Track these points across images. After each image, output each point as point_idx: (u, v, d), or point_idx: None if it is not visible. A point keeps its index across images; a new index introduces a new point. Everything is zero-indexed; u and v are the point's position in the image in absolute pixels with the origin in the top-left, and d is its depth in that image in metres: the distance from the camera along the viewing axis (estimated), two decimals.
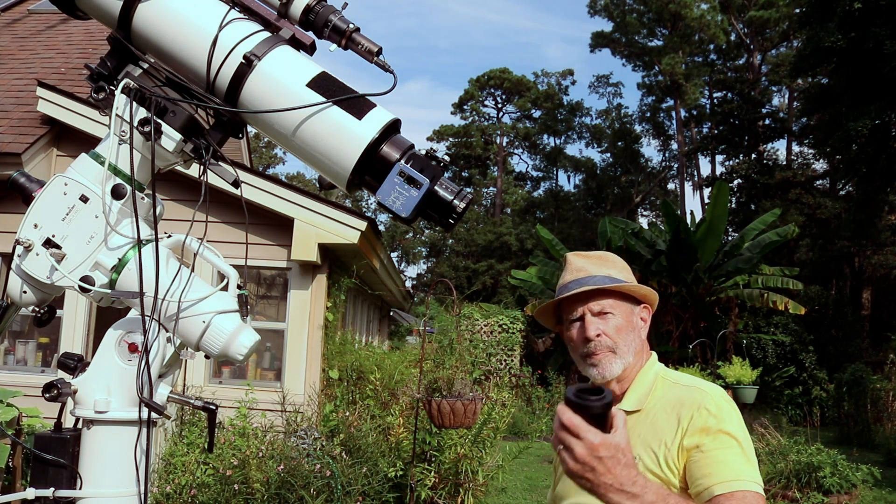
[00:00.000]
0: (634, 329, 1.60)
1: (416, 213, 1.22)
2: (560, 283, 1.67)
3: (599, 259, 1.65)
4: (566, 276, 1.65)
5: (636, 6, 35.71)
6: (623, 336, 1.56)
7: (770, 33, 31.00)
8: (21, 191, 1.31)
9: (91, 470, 1.24)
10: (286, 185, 7.05)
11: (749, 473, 1.37)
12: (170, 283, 1.26)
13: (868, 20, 13.74)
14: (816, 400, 14.37)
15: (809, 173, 27.95)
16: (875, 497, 7.53)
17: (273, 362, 7.26)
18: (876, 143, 14.99)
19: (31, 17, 9.76)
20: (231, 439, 5.53)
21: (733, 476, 1.35)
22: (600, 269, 1.62)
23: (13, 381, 5.75)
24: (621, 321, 1.57)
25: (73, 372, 1.28)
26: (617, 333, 1.55)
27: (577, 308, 1.58)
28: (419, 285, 38.69)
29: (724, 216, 13.59)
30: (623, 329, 1.56)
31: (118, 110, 1.26)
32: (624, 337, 1.56)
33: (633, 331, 1.59)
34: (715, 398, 1.46)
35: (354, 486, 5.20)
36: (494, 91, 42.70)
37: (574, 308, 1.59)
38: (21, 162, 6.43)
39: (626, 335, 1.56)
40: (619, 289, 1.59)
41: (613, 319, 1.56)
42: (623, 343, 1.55)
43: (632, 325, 1.59)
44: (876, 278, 23.47)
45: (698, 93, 34.72)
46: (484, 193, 43.14)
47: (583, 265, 1.64)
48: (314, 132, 1.25)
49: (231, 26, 1.27)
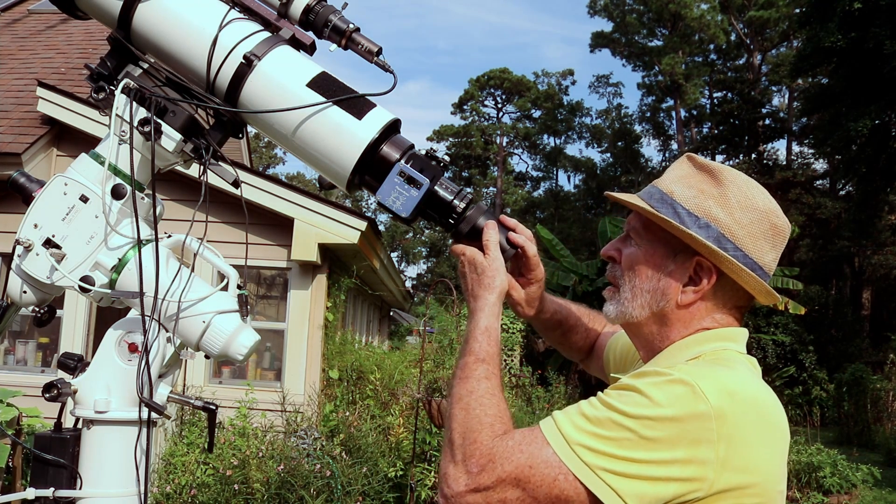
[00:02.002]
0: (661, 278, 1.13)
1: (416, 213, 1.23)
2: None
3: (706, 171, 1.16)
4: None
5: (636, 6, 35.72)
6: (632, 276, 1.15)
7: (770, 33, 31.00)
8: (21, 191, 1.31)
9: (91, 470, 1.24)
10: (286, 185, 7.05)
11: (569, 425, 0.97)
12: (170, 283, 1.26)
13: (868, 20, 13.74)
14: (816, 400, 14.38)
15: (809, 173, 27.97)
16: (875, 497, 7.53)
17: (273, 362, 7.26)
18: (876, 143, 14.99)
19: (31, 17, 9.76)
20: (231, 439, 5.53)
21: (557, 413, 1.01)
22: (671, 183, 1.16)
23: (13, 381, 5.75)
24: (640, 256, 1.15)
25: (73, 372, 1.28)
26: (627, 268, 1.16)
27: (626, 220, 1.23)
28: (419, 285, 38.68)
29: None
30: (637, 267, 1.14)
31: (118, 110, 1.26)
32: (633, 278, 1.15)
33: (655, 279, 1.13)
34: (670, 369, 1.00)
35: (354, 486, 5.20)
36: (494, 91, 42.70)
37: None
38: (21, 162, 6.43)
39: (639, 278, 1.14)
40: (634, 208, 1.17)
41: (630, 249, 1.17)
42: (629, 285, 1.15)
43: (656, 269, 1.13)
44: (876, 278, 23.47)
45: (698, 93, 34.73)
46: (484, 193, 43.14)
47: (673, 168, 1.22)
48: (314, 132, 1.25)
49: (231, 26, 1.28)
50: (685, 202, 1.13)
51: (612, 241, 1.20)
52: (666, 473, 0.94)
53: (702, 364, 1.06)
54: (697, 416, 0.94)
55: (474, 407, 1.04)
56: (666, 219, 1.11)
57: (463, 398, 1.06)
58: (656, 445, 0.94)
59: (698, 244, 1.10)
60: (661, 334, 1.15)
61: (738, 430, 0.96)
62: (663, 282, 1.13)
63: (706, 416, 0.94)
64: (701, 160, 1.19)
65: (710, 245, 1.09)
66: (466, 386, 1.07)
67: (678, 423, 0.94)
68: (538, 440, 0.98)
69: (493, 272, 1.19)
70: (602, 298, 1.23)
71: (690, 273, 1.12)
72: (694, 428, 0.94)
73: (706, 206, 1.12)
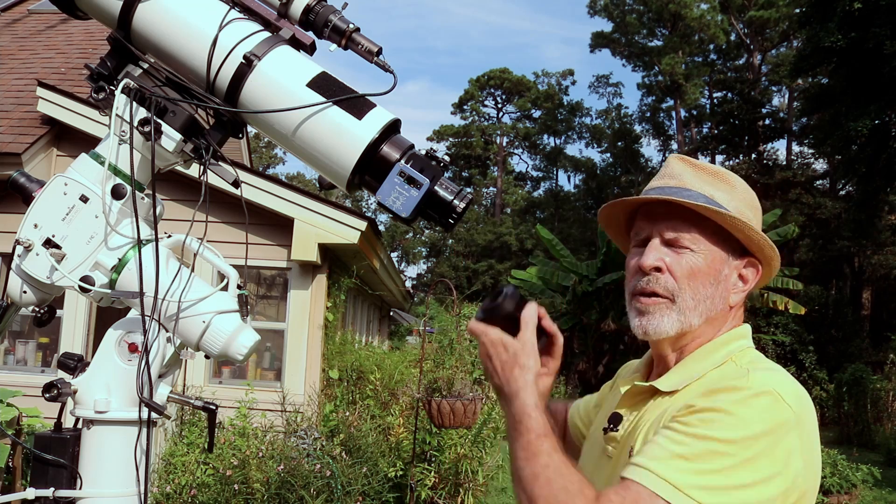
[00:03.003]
0: (719, 283, 1.12)
1: (416, 213, 1.22)
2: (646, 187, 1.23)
3: (712, 174, 1.17)
4: (653, 181, 1.21)
5: (636, 6, 35.72)
6: (695, 285, 1.11)
7: (770, 33, 31.00)
8: (21, 191, 1.31)
9: (91, 470, 1.24)
10: (286, 185, 7.05)
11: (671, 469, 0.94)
12: (170, 283, 1.26)
13: (868, 20, 13.74)
14: (816, 400, 14.37)
15: (809, 173, 27.97)
16: (875, 497, 7.53)
17: (273, 362, 7.26)
18: (876, 143, 14.99)
19: (31, 17, 9.76)
20: (231, 439, 5.53)
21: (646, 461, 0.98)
22: (703, 185, 1.14)
23: (13, 381, 5.74)
24: (701, 264, 1.11)
25: (73, 372, 1.28)
26: (688, 278, 1.10)
27: (644, 227, 1.16)
28: (419, 285, 38.69)
29: None
30: (700, 275, 1.11)
31: (118, 110, 1.26)
32: (696, 287, 1.11)
33: (715, 284, 1.12)
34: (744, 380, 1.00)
35: (354, 486, 5.20)
36: (494, 91, 42.72)
37: (642, 226, 1.16)
38: (21, 162, 6.43)
39: (701, 286, 1.11)
40: (709, 213, 1.10)
41: (690, 257, 1.11)
42: (692, 294, 1.11)
43: (716, 275, 1.12)
44: (876, 278, 23.47)
45: (698, 93, 34.73)
46: (484, 193, 43.15)
47: (681, 172, 1.17)
48: (314, 132, 1.25)
49: (231, 26, 1.27)
50: (727, 204, 1.13)
51: (650, 253, 1.12)
52: (773, 489, 0.95)
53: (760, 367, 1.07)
54: (785, 425, 0.97)
55: (555, 479, 0.99)
56: (748, 224, 1.11)
57: (540, 474, 1.00)
58: (759, 464, 0.94)
59: (757, 244, 1.13)
60: (704, 335, 1.15)
61: (811, 433, 1.01)
62: (721, 286, 1.13)
63: (791, 424, 0.97)
64: (694, 162, 1.20)
65: (769, 244, 1.13)
66: (539, 461, 1.01)
67: (772, 435, 0.96)
68: (643, 494, 0.94)
69: (529, 353, 1.10)
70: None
71: (740, 272, 1.15)
72: (785, 438, 0.97)
73: (741, 209, 1.14)
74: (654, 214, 1.15)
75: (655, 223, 1.14)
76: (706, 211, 1.11)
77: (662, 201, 1.14)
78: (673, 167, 1.19)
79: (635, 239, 1.18)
